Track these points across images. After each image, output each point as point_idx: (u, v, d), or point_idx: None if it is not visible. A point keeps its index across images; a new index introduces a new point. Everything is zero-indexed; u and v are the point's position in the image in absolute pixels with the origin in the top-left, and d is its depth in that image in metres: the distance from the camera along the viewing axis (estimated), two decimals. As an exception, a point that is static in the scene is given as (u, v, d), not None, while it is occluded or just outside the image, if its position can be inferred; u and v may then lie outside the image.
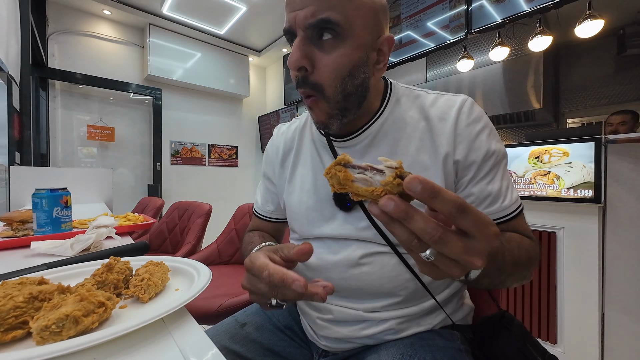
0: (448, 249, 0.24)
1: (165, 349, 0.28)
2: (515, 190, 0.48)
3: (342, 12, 0.40)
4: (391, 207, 0.23)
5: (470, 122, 0.46)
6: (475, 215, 0.23)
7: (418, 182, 0.22)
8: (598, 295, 1.20)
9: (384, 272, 0.48)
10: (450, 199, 0.22)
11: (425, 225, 0.23)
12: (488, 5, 1.90)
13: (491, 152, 0.46)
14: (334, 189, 0.27)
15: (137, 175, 3.21)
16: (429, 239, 0.23)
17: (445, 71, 3.09)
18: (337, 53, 0.41)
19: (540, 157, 1.35)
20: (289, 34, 0.44)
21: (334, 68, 0.41)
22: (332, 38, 0.41)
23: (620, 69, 2.80)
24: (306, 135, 0.58)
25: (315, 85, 0.43)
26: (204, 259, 1.46)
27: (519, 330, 0.48)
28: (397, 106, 0.51)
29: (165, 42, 3.12)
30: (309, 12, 0.40)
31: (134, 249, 0.62)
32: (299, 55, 0.41)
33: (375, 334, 0.49)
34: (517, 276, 0.41)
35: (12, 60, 1.53)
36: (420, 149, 0.47)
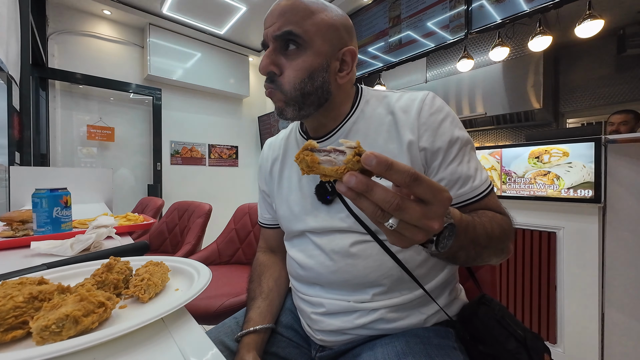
0: (407, 215, 0.26)
1: (165, 349, 0.28)
2: (485, 171, 0.53)
3: (302, 27, 0.48)
4: (353, 182, 0.26)
5: (433, 112, 0.51)
6: (429, 182, 0.26)
7: (373, 157, 0.25)
8: (598, 295, 1.20)
9: (368, 262, 0.51)
10: (404, 169, 0.25)
11: (385, 195, 0.26)
12: (488, 5, 1.90)
13: (455, 137, 0.50)
14: (303, 172, 0.30)
15: (137, 175, 3.21)
16: (389, 207, 0.26)
17: (445, 71, 3.09)
18: (299, 59, 0.49)
19: (540, 157, 1.35)
20: (264, 47, 0.52)
21: (295, 70, 0.49)
22: (295, 48, 0.49)
23: (620, 69, 2.80)
24: (291, 142, 0.64)
25: (276, 83, 0.51)
26: (204, 259, 1.46)
27: (497, 306, 0.52)
28: (367, 106, 0.56)
29: (165, 42, 3.12)
30: (276, 27, 0.49)
31: (134, 249, 0.62)
32: (267, 62, 0.50)
33: (367, 323, 0.51)
34: (493, 249, 0.44)
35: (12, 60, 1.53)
36: (388, 139, 0.52)
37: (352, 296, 0.52)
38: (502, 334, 0.48)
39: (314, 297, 0.55)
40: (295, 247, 0.60)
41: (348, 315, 0.52)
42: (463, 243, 0.37)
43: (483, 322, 0.50)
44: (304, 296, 0.58)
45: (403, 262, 0.50)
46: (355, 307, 0.51)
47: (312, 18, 0.49)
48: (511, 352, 0.47)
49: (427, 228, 0.27)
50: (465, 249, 0.39)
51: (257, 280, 0.64)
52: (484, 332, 0.49)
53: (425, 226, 0.27)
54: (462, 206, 0.49)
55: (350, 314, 0.52)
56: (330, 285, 0.54)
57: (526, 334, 0.48)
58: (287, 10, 0.48)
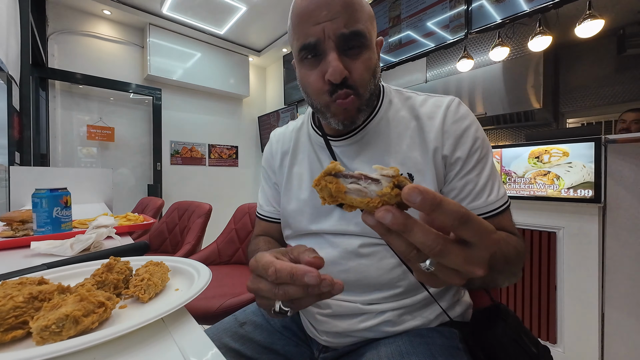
0: (449, 260, 0.23)
1: (165, 349, 0.28)
2: (503, 187, 0.50)
3: (364, 24, 0.45)
4: (389, 219, 0.22)
5: (457, 119, 0.49)
6: (478, 223, 0.22)
7: (418, 193, 0.21)
8: (598, 295, 1.20)
9: (382, 264, 0.49)
10: (453, 209, 0.21)
11: (425, 237, 0.22)
12: (488, 5, 1.89)
13: (475, 147, 0.49)
14: (324, 202, 0.25)
15: (137, 175, 3.21)
16: (430, 252, 0.23)
17: (445, 71, 3.09)
18: (364, 57, 0.46)
19: (540, 157, 1.35)
20: (312, 49, 0.46)
21: (363, 71, 0.46)
22: (358, 47, 0.46)
23: (620, 69, 2.80)
24: (303, 136, 0.61)
25: (352, 86, 0.46)
26: (204, 259, 1.46)
27: (514, 322, 0.50)
28: (390, 107, 0.54)
29: (165, 42, 3.12)
30: (341, 23, 0.43)
31: (134, 249, 0.62)
32: (341, 67, 0.44)
33: (373, 326, 0.50)
34: (507, 273, 0.42)
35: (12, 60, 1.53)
36: (412, 146, 0.50)
37: (359, 297, 0.51)
38: (516, 353, 0.46)
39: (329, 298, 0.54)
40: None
41: (354, 318, 0.51)
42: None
43: (499, 340, 0.48)
44: None
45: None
46: (362, 310, 0.51)
47: (364, 11, 0.46)
48: None
49: (468, 274, 0.24)
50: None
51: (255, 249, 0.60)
52: (497, 349, 0.48)
53: (467, 272, 0.24)
54: None
55: (357, 316, 0.51)
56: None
57: (539, 350, 0.47)
58: (348, 4, 0.43)
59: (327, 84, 0.46)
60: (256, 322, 0.61)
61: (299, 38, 0.47)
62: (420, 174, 0.49)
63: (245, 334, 0.58)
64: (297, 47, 0.48)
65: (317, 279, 0.29)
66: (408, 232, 0.22)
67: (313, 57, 0.47)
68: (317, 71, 0.47)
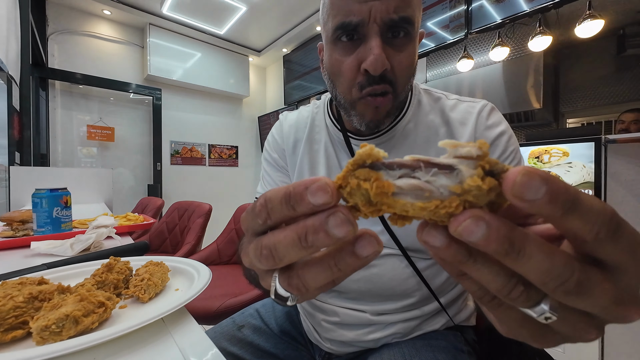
0: (591, 299, 0.13)
1: (165, 349, 0.28)
2: None
3: (414, 10, 0.39)
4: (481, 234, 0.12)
5: (490, 126, 0.46)
6: (630, 233, 0.13)
7: (540, 181, 0.12)
8: (598, 295, 1.20)
9: (395, 274, 0.47)
10: (599, 210, 0.12)
11: (551, 262, 0.12)
12: (488, 5, 1.90)
13: (508, 154, 0.45)
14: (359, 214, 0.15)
15: (137, 175, 3.21)
16: (560, 286, 0.13)
17: (445, 71, 3.09)
18: (407, 52, 0.40)
19: (540, 157, 1.35)
20: (352, 29, 0.39)
21: (406, 66, 0.41)
22: (403, 36, 0.39)
23: (620, 69, 2.80)
24: (320, 126, 0.54)
25: (392, 82, 0.40)
26: (204, 259, 1.46)
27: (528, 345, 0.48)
28: (419, 108, 0.50)
29: (165, 42, 3.12)
30: (391, 7, 0.37)
31: (134, 249, 0.62)
32: (384, 57, 0.38)
33: (380, 338, 0.49)
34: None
35: (12, 60, 1.53)
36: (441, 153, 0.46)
37: (369, 307, 0.49)
38: None
39: (328, 305, 0.52)
40: None
41: (362, 329, 0.49)
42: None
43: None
44: (315, 301, 0.54)
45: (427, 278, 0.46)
46: (371, 320, 0.48)
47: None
48: None
49: (616, 319, 0.14)
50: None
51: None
52: None
53: (615, 316, 0.14)
54: None
55: (365, 327, 0.49)
56: (349, 293, 0.50)
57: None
58: None
59: (362, 75, 0.40)
60: (254, 325, 0.60)
61: (338, 14, 0.39)
62: None
63: (244, 337, 0.57)
64: (334, 25, 0.40)
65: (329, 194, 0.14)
66: (518, 255, 0.13)
67: (350, 40, 0.40)
68: (353, 58, 0.40)
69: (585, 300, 0.13)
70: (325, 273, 0.16)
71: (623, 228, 0.13)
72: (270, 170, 0.60)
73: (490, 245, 0.13)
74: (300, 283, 0.17)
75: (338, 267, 0.16)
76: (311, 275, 0.16)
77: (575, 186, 1.18)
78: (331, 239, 0.14)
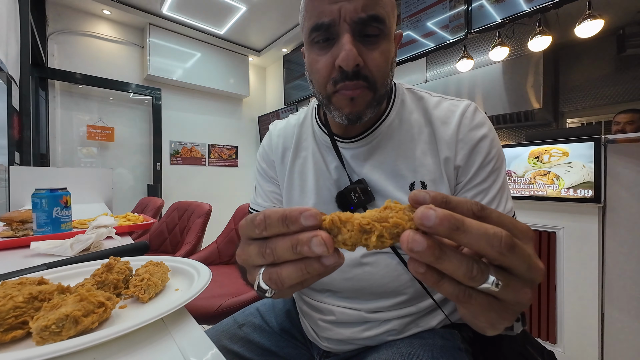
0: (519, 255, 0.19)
1: (165, 349, 0.28)
2: (511, 202, 0.47)
3: (384, 8, 0.40)
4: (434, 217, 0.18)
5: (473, 128, 0.46)
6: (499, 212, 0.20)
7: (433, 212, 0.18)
8: (598, 295, 1.20)
9: (387, 271, 0.47)
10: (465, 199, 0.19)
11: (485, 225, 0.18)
12: (488, 5, 1.90)
13: (490, 157, 0.45)
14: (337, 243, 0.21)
15: (137, 175, 3.21)
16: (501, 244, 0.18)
17: (445, 71, 3.09)
18: (381, 48, 0.41)
19: (540, 157, 1.35)
20: (325, 29, 0.40)
21: (380, 62, 0.42)
22: (376, 36, 0.41)
23: (620, 69, 2.80)
24: (306, 132, 0.56)
25: (367, 78, 0.42)
26: (204, 259, 1.46)
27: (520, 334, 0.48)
28: (403, 108, 0.50)
29: (165, 42, 3.12)
30: (359, 6, 0.39)
31: (134, 249, 0.62)
32: (355, 52, 0.39)
33: (376, 335, 0.49)
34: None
35: (12, 60, 1.53)
36: (426, 152, 0.47)
37: (364, 305, 0.49)
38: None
39: (324, 304, 0.52)
40: None
41: (357, 326, 0.50)
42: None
43: (506, 356, 0.46)
44: (312, 301, 0.54)
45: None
46: (366, 318, 0.49)
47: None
48: None
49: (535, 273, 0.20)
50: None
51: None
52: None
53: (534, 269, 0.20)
54: None
55: (360, 324, 0.50)
56: (343, 292, 0.51)
57: (545, 358, 0.46)
58: None
59: (336, 71, 0.41)
60: (255, 323, 0.60)
61: (311, 17, 0.41)
62: (433, 183, 0.46)
63: (244, 335, 0.58)
64: (309, 28, 0.42)
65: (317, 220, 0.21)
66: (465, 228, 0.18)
67: (325, 40, 0.42)
68: (328, 56, 0.41)
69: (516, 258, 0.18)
70: (297, 273, 0.22)
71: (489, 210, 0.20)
72: (261, 181, 0.62)
73: (443, 224, 0.18)
74: (277, 279, 0.22)
75: (307, 270, 0.21)
76: (286, 274, 0.22)
77: (574, 186, 1.17)
78: (312, 252, 0.20)
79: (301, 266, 0.21)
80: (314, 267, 0.21)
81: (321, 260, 0.21)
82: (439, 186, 0.46)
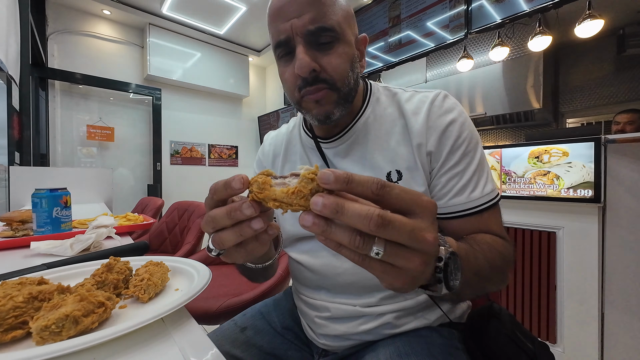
0: (394, 231, 0.21)
1: (165, 349, 0.28)
2: (492, 184, 0.47)
3: (331, 18, 0.44)
4: (320, 203, 0.22)
5: (442, 114, 0.48)
6: (401, 188, 0.23)
7: (330, 172, 0.22)
8: (598, 295, 1.20)
9: None
10: (367, 179, 0.22)
11: (360, 208, 0.21)
12: (488, 5, 1.90)
13: (461, 141, 0.46)
14: (252, 195, 0.27)
15: (136, 175, 3.21)
16: (371, 223, 0.21)
17: (445, 71, 3.09)
18: (336, 53, 0.45)
19: (540, 157, 1.35)
20: (284, 45, 0.46)
21: (339, 63, 0.45)
22: (329, 42, 0.45)
23: (620, 69, 2.80)
24: (294, 138, 0.60)
25: (326, 80, 0.45)
26: (204, 259, 1.46)
27: (507, 319, 0.49)
28: (378, 104, 0.53)
29: (165, 42, 3.12)
30: (306, 20, 0.43)
31: (134, 249, 0.62)
32: (309, 60, 0.44)
33: (373, 329, 0.50)
34: (495, 280, 0.40)
35: (12, 60, 1.53)
36: (400, 142, 0.49)
37: (358, 300, 0.50)
38: (512, 350, 0.45)
39: (319, 301, 0.54)
40: (299, 250, 0.57)
41: (353, 321, 0.51)
42: (467, 277, 0.32)
43: (494, 339, 0.47)
44: (308, 299, 0.56)
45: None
46: (361, 312, 0.50)
47: (336, 6, 0.45)
48: None
49: (421, 244, 0.22)
50: (469, 284, 0.33)
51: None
52: (494, 348, 0.47)
53: (419, 241, 0.22)
54: (456, 218, 0.46)
55: (356, 319, 0.51)
56: (336, 288, 0.52)
57: (535, 345, 0.46)
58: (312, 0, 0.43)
59: (299, 79, 0.45)
60: (257, 326, 0.61)
61: (273, 36, 0.47)
62: (409, 171, 0.48)
63: (247, 339, 0.58)
64: (273, 46, 0.48)
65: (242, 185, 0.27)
66: (343, 212, 0.21)
67: (287, 54, 0.47)
68: (291, 67, 0.46)
69: (390, 231, 0.21)
70: (233, 236, 0.28)
71: (391, 186, 0.22)
72: None
73: (326, 209, 0.22)
74: (219, 240, 0.29)
75: (240, 232, 0.28)
76: (225, 236, 0.28)
77: (574, 186, 1.17)
78: (244, 216, 0.26)
79: (236, 230, 0.28)
80: (246, 230, 0.28)
81: (250, 224, 0.27)
82: (414, 173, 0.47)
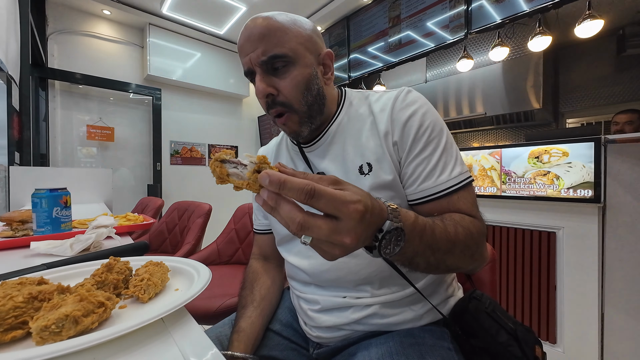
0: (314, 233, 0.27)
1: (165, 349, 0.29)
2: (460, 166, 0.49)
3: (284, 46, 0.48)
4: (264, 197, 0.28)
5: (404, 107, 0.51)
6: (330, 196, 0.26)
7: (266, 176, 0.26)
8: (598, 295, 1.20)
9: (359, 260, 0.51)
10: (298, 185, 0.25)
11: (288, 212, 0.26)
12: (488, 5, 1.90)
13: (424, 129, 0.49)
14: (218, 181, 0.31)
15: (136, 175, 3.21)
16: (292, 224, 0.26)
17: (445, 71, 3.10)
18: (292, 75, 0.50)
19: (540, 157, 1.35)
20: (250, 74, 0.52)
21: (293, 86, 0.50)
22: (284, 66, 0.49)
23: (619, 69, 2.80)
24: (283, 149, 0.66)
25: (283, 103, 0.51)
26: (204, 259, 1.46)
27: (488, 300, 0.51)
28: (350, 107, 0.58)
29: (165, 42, 3.12)
30: (259, 52, 0.48)
31: (134, 249, 0.62)
32: (264, 85, 0.49)
33: (361, 318, 0.51)
34: (457, 255, 0.41)
35: (12, 60, 1.53)
36: (369, 137, 0.53)
37: (347, 293, 0.53)
38: (493, 327, 0.48)
39: (310, 295, 0.57)
40: (290, 251, 0.61)
41: (343, 311, 0.53)
42: (418, 249, 0.36)
43: (474, 316, 0.50)
44: (300, 294, 0.59)
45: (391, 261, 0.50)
46: (350, 303, 0.52)
47: (289, 34, 0.49)
48: (503, 344, 0.47)
49: (338, 244, 0.28)
50: (421, 255, 0.37)
51: (249, 287, 0.64)
52: (475, 326, 0.49)
53: (336, 242, 0.27)
54: (427, 202, 0.48)
55: (345, 309, 0.53)
56: (325, 283, 0.55)
57: (517, 326, 0.48)
58: (265, 34, 0.48)
59: (263, 102, 0.52)
60: None
61: (243, 67, 0.53)
62: (378, 162, 0.51)
63: None
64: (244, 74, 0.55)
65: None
66: (277, 208, 0.27)
67: (253, 81, 0.52)
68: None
69: (309, 231, 0.27)
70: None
71: (320, 194, 0.26)
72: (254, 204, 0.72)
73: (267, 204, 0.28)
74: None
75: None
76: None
77: (574, 186, 1.17)
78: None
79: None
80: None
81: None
82: (382, 164, 0.50)
